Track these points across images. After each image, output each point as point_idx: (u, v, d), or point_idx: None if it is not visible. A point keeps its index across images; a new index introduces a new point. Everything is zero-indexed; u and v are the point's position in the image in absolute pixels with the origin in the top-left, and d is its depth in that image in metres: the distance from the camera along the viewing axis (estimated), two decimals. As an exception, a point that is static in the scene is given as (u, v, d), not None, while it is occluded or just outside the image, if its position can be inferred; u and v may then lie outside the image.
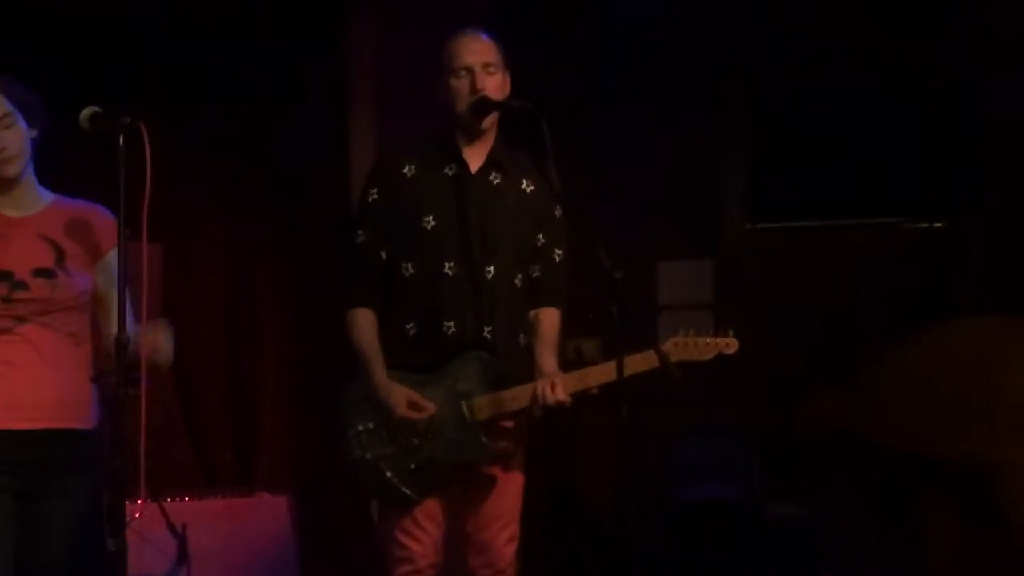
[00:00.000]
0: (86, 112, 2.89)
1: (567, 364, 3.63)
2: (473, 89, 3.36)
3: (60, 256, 3.02)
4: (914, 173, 5.89)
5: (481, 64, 3.37)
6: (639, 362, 3.27)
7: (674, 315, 5.64)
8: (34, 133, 3.04)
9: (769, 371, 5.52)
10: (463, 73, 3.37)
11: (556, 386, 3.34)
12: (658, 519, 5.60)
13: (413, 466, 3.40)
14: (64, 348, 3.01)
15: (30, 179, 3.08)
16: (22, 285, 2.96)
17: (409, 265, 3.43)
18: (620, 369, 3.09)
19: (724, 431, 5.70)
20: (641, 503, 5.44)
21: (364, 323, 3.45)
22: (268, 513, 4.82)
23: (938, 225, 5.88)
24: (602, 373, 3.35)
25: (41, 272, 2.99)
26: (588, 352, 5.46)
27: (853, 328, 5.72)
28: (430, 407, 3.37)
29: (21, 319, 2.96)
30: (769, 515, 5.56)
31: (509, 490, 3.52)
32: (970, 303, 5.71)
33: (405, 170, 3.46)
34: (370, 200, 3.47)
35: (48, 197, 3.12)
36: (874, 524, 1.50)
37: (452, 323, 3.40)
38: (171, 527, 4.36)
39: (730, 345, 3.44)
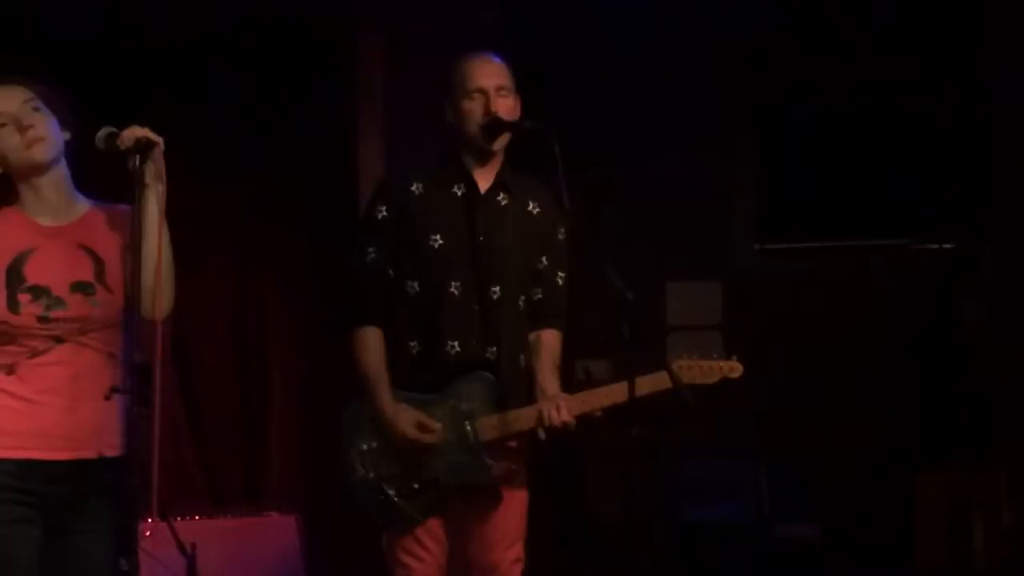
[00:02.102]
0: (103, 132, 2.86)
1: (576, 385, 3.64)
2: (486, 111, 3.36)
3: (100, 268, 2.89)
4: (922, 193, 5.89)
5: (494, 87, 3.38)
6: (649, 383, 3.27)
7: (683, 336, 5.63)
8: (67, 135, 2.92)
9: (777, 391, 5.52)
10: (476, 95, 3.37)
11: (561, 408, 3.33)
12: (666, 540, 5.59)
13: (416, 486, 3.39)
14: (100, 369, 2.88)
15: (67, 184, 2.96)
16: (60, 303, 2.84)
17: (415, 284, 3.42)
18: (631, 390, 3.09)
19: (732, 451, 5.69)
20: (649, 524, 5.43)
21: (371, 342, 3.43)
22: (277, 533, 4.80)
23: (947, 246, 5.89)
24: (607, 396, 3.35)
25: (80, 286, 2.87)
26: (597, 372, 5.46)
27: (861, 348, 5.73)
28: (438, 428, 3.37)
29: (59, 339, 2.85)
30: (777, 536, 5.55)
31: (513, 511, 3.49)
32: (978, 324, 5.71)
33: (413, 188, 3.45)
34: (379, 217, 3.45)
35: (86, 204, 2.98)
36: None
37: (455, 343, 3.39)
38: (180, 546, 4.34)
39: (734, 369, 3.43)
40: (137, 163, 2.77)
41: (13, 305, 2.84)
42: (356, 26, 5.54)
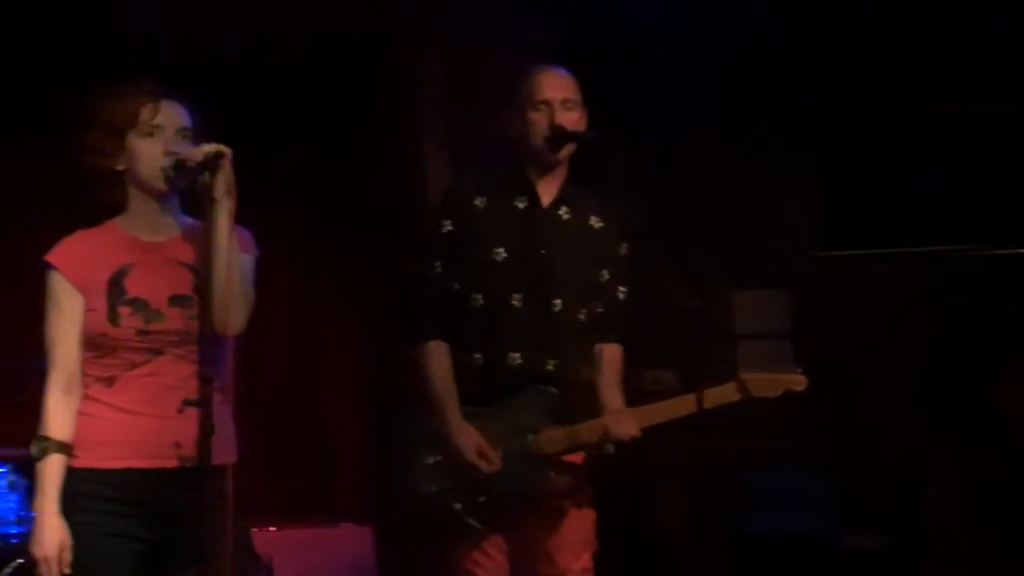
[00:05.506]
0: (167, 161, 2.85)
1: (645, 394, 3.63)
2: (551, 123, 3.38)
3: (199, 282, 2.88)
4: (992, 198, 5.84)
5: (560, 99, 3.40)
6: (717, 395, 3.27)
7: (752, 345, 5.60)
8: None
9: (846, 400, 5.48)
10: (542, 107, 3.40)
11: (627, 423, 3.34)
12: (732, 551, 5.56)
13: (481, 499, 3.40)
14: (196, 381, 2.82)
15: (175, 206, 2.99)
16: (158, 316, 2.86)
17: (479, 296, 3.45)
18: (700, 402, 3.08)
19: (800, 461, 5.66)
20: (715, 534, 5.41)
21: (439, 358, 3.45)
22: (352, 544, 4.81)
23: (1015, 251, 5.82)
24: (672, 408, 3.35)
25: (178, 299, 2.88)
26: (667, 382, 5.44)
27: (930, 355, 5.67)
28: (496, 463, 3.36)
29: (157, 351, 2.86)
30: (845, 547, 5.51)
31: (580, 522, 3.50)
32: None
33: (476, 202, 3.48)
34: (444, 231, 3.48)
35: (185, 221, 3.01)
36: None
37: (518, 355, 3.41)
38: (258, 558, 4.35)
39: (798, 383, 3.40)
40: (208, 177, 2.81)
41: (113, 317, 2.87)
42: (420, 39, 5.58)
